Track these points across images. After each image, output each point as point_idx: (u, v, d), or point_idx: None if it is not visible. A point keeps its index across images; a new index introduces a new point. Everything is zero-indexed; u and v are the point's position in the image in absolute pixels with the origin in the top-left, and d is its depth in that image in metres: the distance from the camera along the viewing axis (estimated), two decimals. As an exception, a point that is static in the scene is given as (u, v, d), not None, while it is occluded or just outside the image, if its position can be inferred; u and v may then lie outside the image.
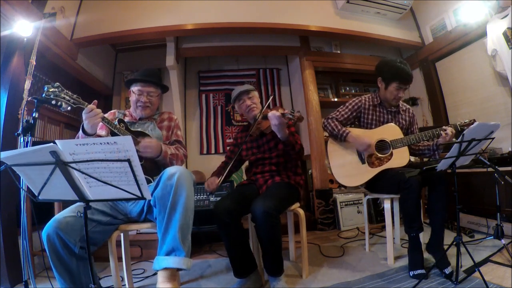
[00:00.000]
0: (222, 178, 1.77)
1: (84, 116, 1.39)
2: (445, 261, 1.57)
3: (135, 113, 1.74)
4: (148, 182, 1.49)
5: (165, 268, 1.28)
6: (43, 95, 1.30)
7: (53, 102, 1.31)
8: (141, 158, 1.46)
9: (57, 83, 1.35)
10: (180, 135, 1.80)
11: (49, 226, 1.21)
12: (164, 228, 1.31)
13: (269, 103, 1.86)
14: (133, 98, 1.71)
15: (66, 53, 2.67)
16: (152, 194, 1.39)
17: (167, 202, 1.31)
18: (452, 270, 1.52)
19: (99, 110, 1.41)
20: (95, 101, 1.43)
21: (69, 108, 1.36)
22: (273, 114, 1.58)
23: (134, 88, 1.70)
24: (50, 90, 1.30)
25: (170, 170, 1.37)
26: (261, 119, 1.79)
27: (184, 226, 1.31)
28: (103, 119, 1.42)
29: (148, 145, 1.50)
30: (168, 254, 1.29)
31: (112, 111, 1.79)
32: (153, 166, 1.56)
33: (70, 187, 0.95)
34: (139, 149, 1.46)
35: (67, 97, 1.35)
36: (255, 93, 1.94)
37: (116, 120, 1.56)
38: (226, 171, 1.81)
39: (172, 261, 1.28)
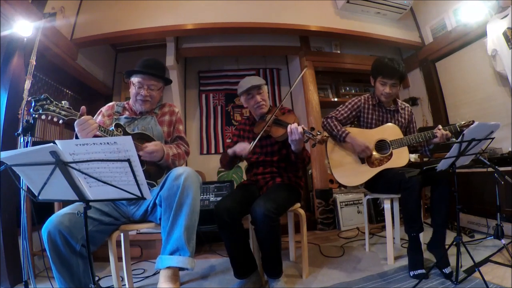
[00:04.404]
0: (254, 144, 1.64)
1: (76, 128, 1.28)
2: (445, 261, 1.57)
3: (134, 106, 1.66)
4: (152, 186, 1.48)
5: (168, 268, 1.28)
6: (31, 110, 1.20)
7: (43, 117, 1.21)
8: (143, 163, 1.41)
9: (45, 94, 1.22)
10: (182, 130, 1.74)
11: (50, 223, 1.18)
12: (169, 227, 1.31)
13: (281, 104, 1.79)
14: (132, 90, 1.61)
15: (66, 53, 2.67)
16: (158, 194, 1.39)
17: (173, 202, 1.30)
18: (452, 270, 1.52)
19: (93, 122, 1.30)
20: (83, 107, 1.32)
21: (60, 121, 1.25)
22: (296, 129, 1.48)
23: (134, 80, 1.60)
24: (38, 104, 1.19)
25: (177, 170, 1.36)
26: (272, 123, 1.68)
27: (190, 227, 1.31)
28: (99, 127, 1.33)
29: (154, 149, 1.43)
30: (172, 253, 1.29)
31: (111, 103, 1.70)
32: (156, 170, 1.53)
33: (70, 187, 0.95)
34: (144, 154, 1.39)
35: (58, 109, 1.24)
36: (265, 88, 1.82)
37: (113, 125, 1.49)
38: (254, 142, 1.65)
39: (177, 261, 1.27)
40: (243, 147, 1.68)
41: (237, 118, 3.77)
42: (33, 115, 1.23)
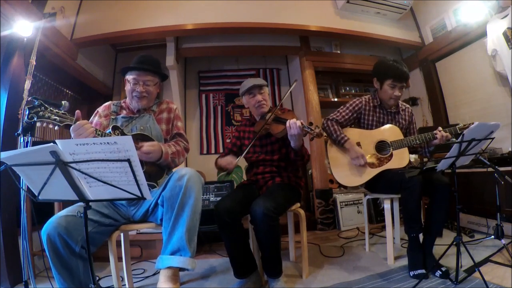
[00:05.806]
0: (239, 159, 1.69)
1: (72, 134, 1.27)
2: (438, 265, 1.57)
3: (131, 104, 1.63)
4: (153, 187, 1.47)
5: (169, 268, 1.28)
6: (26, 118, 1.19)
7: (38, 124, 1.21)
8: (142, 164, 1.39)
9: (39, 101, 1.21)
10: (181, 127, 1.71)
11: (49, 225, 1.19)
12: (170, 228, 1.31)
13: (281, 103, 1.82)
14: (128, 87, 1.59)
15: (66, 53, 2.66)
16: (160, 194, 1.39)
17: (175, 203, 1.30)
18: (447, 268, 1.53)
19: (89, 126, 1.29)
20: (78, 111, 1.30)
21: (56, 128, 1.24)
22: (295, 124, 1.51)
23: (129, 77, 1.58)
24: (33, 111, 1.18)
25: (180, 171, 1.36)
26: (272, 120, 1.72)
27: (191, 228, 1.31)
28: (95, 131, 1.33)
29: (150, 150, 1.41)
30: (173, 253, 1.29)
31: (107, 103, 1.67)
32: (156, 170, 1.52)
33: (70, 187, 0.95)
34: (140, 154, 1.37)
35: (53, 116, 1.23)
36: (267, 89, 1.87)
37: (110, 128, 1.47)
38: (241, 154, 1.73)
39: (177, 261, 1.28)
40: (229, 161, 1.72)
41: (237, 118, 3.77)
42: (26, 118, 1.21)
